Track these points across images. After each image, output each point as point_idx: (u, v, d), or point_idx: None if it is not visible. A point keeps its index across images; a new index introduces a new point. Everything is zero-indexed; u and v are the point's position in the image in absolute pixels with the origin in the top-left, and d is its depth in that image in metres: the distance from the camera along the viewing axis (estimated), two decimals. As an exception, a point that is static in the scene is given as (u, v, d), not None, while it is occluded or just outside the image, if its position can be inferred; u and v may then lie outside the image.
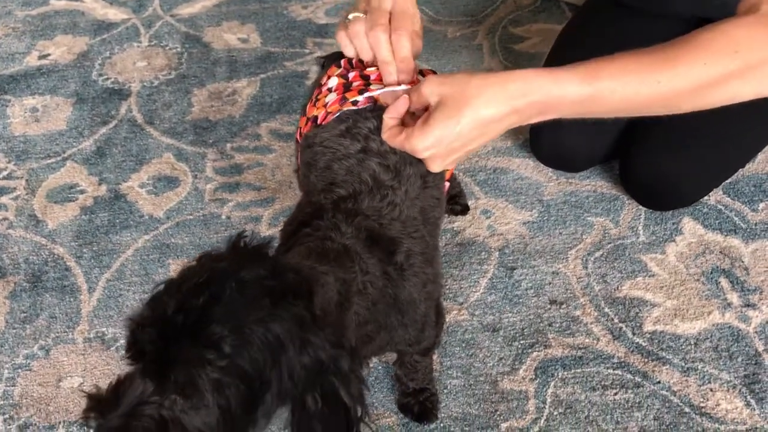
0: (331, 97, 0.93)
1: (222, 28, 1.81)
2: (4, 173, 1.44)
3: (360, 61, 0.96)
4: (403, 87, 0.88)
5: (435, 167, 0.82)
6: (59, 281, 1.23)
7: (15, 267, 1.26)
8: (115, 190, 1.40)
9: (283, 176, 1.41)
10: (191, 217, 1.33)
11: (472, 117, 0.76)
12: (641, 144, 1.25)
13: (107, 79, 1.66)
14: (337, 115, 0.90)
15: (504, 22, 1.79)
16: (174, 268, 1.24)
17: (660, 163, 1.22)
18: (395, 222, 0.82)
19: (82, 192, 1.39)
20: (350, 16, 0.88)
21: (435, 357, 1.09)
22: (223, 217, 1.33)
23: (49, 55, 1.74)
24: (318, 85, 1.03)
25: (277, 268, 0.64)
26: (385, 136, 0.83)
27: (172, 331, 0.58)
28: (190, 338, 0.58)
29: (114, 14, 1.87)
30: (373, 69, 0.95)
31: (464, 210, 1.32)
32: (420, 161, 0.83)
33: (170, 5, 1.89)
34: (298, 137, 1.02)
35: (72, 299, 1.21)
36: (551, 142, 1.34)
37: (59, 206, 1.37)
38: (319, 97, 0.97)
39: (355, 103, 0.90)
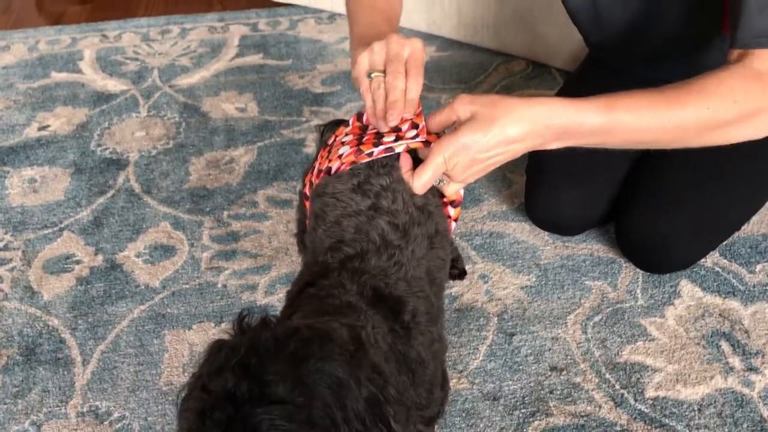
0: (345, 150, 0.94)
1: (220, 97, 1.84)
2: (1, 244, 1.44)
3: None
4: (420, 139, 0.91)
5: (456, 176, 0.87)
6: (53, 354, 1.22)
7: (8, 340, 1.24)
8: (111, 260, 1.39)
9: (280, 243, 1.41)
10: (187, 286, 1.33)
11: (499, 132, 0.83)
12: (636, 208, 1.26)
13: (105, 149, 1.68)
14: (350, 168, 0.91)
15: (497, 89, 1.83)
16: (169, 339, 1.23)
17: (655, 225, 1.23)
18: (401, 282, 0.82)
19: (78, 262, 1.39)
20: (372, 75, 0.92)
21: (435, 428, 1.07)
22: (219, 285, 1.33)
23: (48, 126, 1.76)
24: (324, 145, 1.04)
25: (294, 327, 0.64)
26: (405, 174, 0.89)
27: (241, 401, 0.56)
28: (258, 404, 0.56)
29: (113, 85, 1.90)
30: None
31: (462, 274, 1.32)
32: (428, 217, 0.87)
33: (169, 76, 1.93)
34: (305, 191, 1.02)
35: (65, 372, 1.19)
36: (546, 206, 1.35)
37: (55, 277, 1.36)
38: (332, 150, 0.98)
39: (370, 154, 0.92)
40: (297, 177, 1.55)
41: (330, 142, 1.03)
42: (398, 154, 0.92)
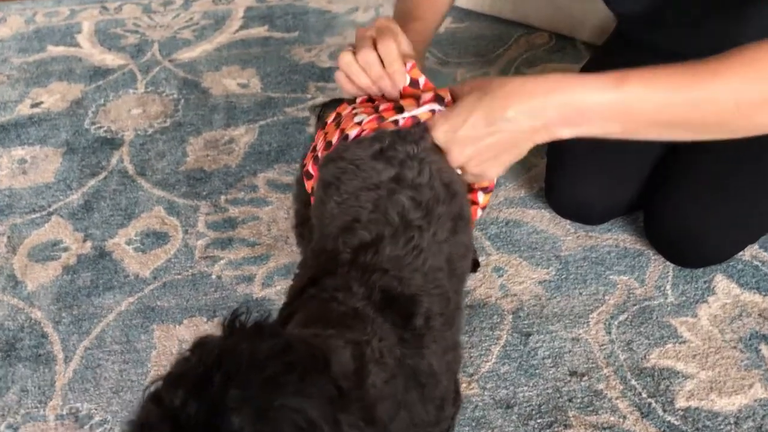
0: (364, 117, 0.84)
1: (221, 73, 1.74)
2: (-14, 230, 1.36)
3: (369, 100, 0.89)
4: (438, 107, 0.82)
5: (453, 157, 0.81)
6: (34, 350, 1.14)
7: (-12, 333, 1.17)
8: (100, 247, 1.31)
9: (279, 231, 1.31)
10: (179, 276, 1.24)
11: (485, 111, 0.76)
12: (668, 195, 1.14)
13: (100, 127, 1.59)
14: (374, 134, 0.81)
15: (517, 63, 1.70)
16: (158, 335, 1.14)
17: (689, 216, 1.11)
18: (416, 274, 0.72)
19: (65, 250, 1.31)
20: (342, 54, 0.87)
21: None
22: (214, 276, 1.23)
23: (41, 103, 1.67)
24: (323, 124, 0.93)
25: (286, 342, 0.54)
26: None
27: (184, 426, 0.47)
28: None
29: (111, 60, 1.81)
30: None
31: (475, 267, 1.21)
32: (454, 197, 0.79)
33: (169, 50, 1.83)
34: (308, 169, 0.92)
35: (46, 370, 1.11)
36: (568, 191, 1.24)
37: (40, 265, 1.28)
38: (341, 122, 0.87)
39: (395, 122, 0.82)
40: (300, 159, 1.45)
41: (330, 120, 0.92)
42: (422, 126, 0.82)
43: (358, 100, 0.91)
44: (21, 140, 1.57)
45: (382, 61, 0.84)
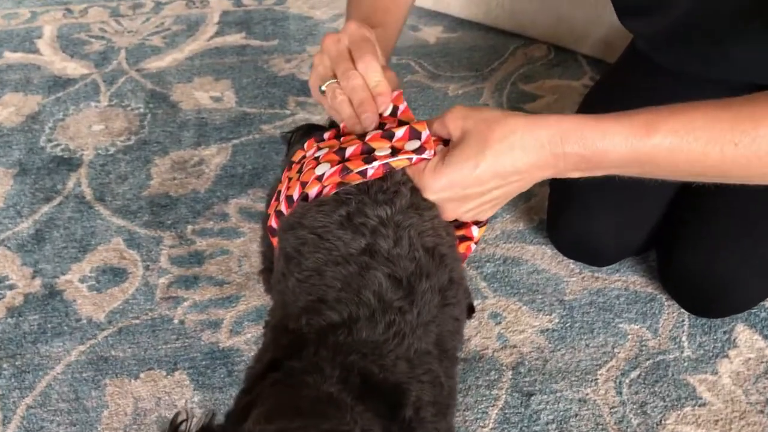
0: (325, 168, 0.71)
1: (193, 84, 1.60)
2: (-77, 263, 1.21)
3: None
4: (427, 155, 0.70)
5: (448, 213, 0.72)
6: (-32, 408, 1.00)
7: None
8: (50, 285, 1.16)
9: (252, 267, 1.18)
10: (137, 321, 1.10)
11: (491, 164, 0.66)
12: (688, 236, 1.01)
13: (57, 145, 1.44)
14: (335, 192, 0.69)
15: (513, 78, 1.58)
16: (111, 391, 1.01)
17: (714, 261, 0.98)
18: (400, 362, 0.60)
19: (11, 287, 1.16)
20: (323, 87, 0.76)
21: None
22: (176, 321, 1.10)
23: (-7, 116, 1.53)
24: (289, 163, 0.81)
25: None
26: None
27: None
28: None
29: (73, 69, 1.66)
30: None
31: (470, 312, 1.08)
32: (441, 262, 0.67)
33: (137, 58, 1.68)
34: (271, 223, 0.79)
35: (-19, 433, 0.97)
36: (573, 228, 1.11)
37: (-19, 306, 1.14)
38: (303, 169, 0.75)
39: (363, 173, 0.69)
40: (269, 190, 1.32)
41: (296, 159, 0.79)
42: (395, 178, 0.69)
43: (326, 135, 0.79)
44: (-31, 159, 1.42)
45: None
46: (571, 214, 1.11)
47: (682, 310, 1.08)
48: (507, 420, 0.96)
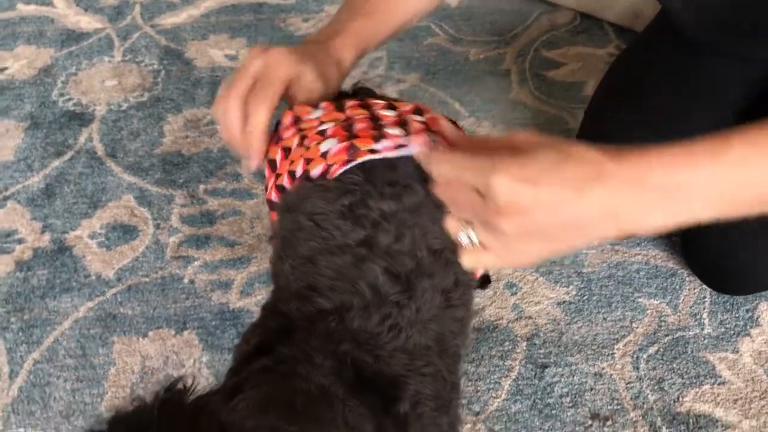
0: (332, 144, 0.67)
1: (208, 42, 1.56)
2: (-68, 214, 1.20)
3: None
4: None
5: (495, 247, 0.53)
6: (-25, 361, 0.99)
7: (-76, 339, 1.02)
8: (60, 240, 1.15)
9: (264, 229, 1.15)
10: (147, 279, 1.08)
11: (572, 171, 0.50)
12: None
13: (69, 100, 1.42)
14: (340, 177, 0.65)
15: (536, 45, 1.53)
16: (118, 348, 1.00)
17: (739, 239, 0.95)
18: (398, 353, 0.57)
19: (20, 241, 1.15)
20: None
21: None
22: (186, 281, 1.08)
23: (6, 68, 1.50)
24: (276, 129, 0.76)
25: None
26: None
27: None
28: None
29: (87, 23, 1.63)
30: (388, 113, 0.71)
31: (485, 283, 1.06)
32: (446, 265, 0.60)
33: (152, 13, 1.65)
34: (270, 196, 0.76)
35: (-13, 386, 0.96)
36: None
37: (-10, 259, 1.12)
38: (307, 141, 0.71)
39: (373, 151, 0.65)
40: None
41: (288, 129, 0.74)
42: (407, 173, 0.65)
43: (323, 104, 0.75)
44: (-20, 111, 1.40)
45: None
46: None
47: (704, 286, 1.05)
48: (520, 391, 0.94)
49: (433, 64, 1.49)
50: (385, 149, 0.65)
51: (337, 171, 0.65)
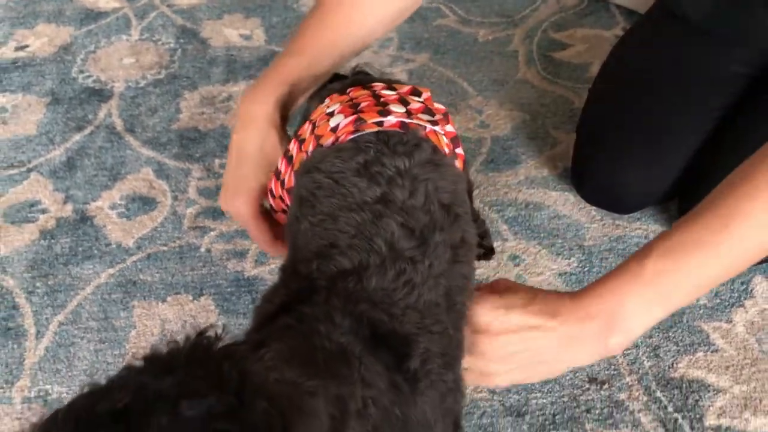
0: (340, 119, 0.71)
1: (223, 21, 1.60)
2: (-41, 184, 1.25)
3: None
4: (440, 130, 0.71)
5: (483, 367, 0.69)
6: (3, 322, 1.04)
7: (-46, 302, 1.07)
8: (81, 210, 1.20)
9: (277, 202, 1.20)
10: (165, 248, 1.13)
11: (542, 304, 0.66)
12: (710, 188, 1.02)
13: (88, 76, 1.46)
14: (354, 137, 0.69)
15: (544, 26, 1.56)
16: (138, 312, 1.04)
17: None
18: (410, 311, 0.61)
19: (44, 211, 1.20)
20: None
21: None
22: (203, 249, 1.13)
23: (27, 46, 1.55)
24: (304, 121, 0.81)
25: (244, 392, 0.44)
26: None
27: None
28: None
29: (105, 2, 1.67)
30: (390, 93, 0.75)
31: (489, 253, 1.10)
32: (455, 221, 0.66)
33: (168, -7, 1.69)
34: (271, 202, 0.81)
35: (15, 346, 1.01)
36: (599, 174, 1.12)
37: (16, 227, 1.17)
38: (317, 126, 0.75)
39: (379, 124, 0.69)
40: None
41: (312, 118, 0.78)
42: (416, 133, 0.69)
43: (327, 98, 0.79)
44: (3, 86, 1.45)
45: None
46: (597, 162, 1.12)
47: (701, 259, 1.09)
48: (521, 356, 0.98)
49: (442, 45, 1.52)
50: (389, 125, 0.69)
51: (349, 138, 0.69)
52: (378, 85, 0.77)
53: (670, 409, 0.92)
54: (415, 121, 0.70)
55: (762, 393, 0.94)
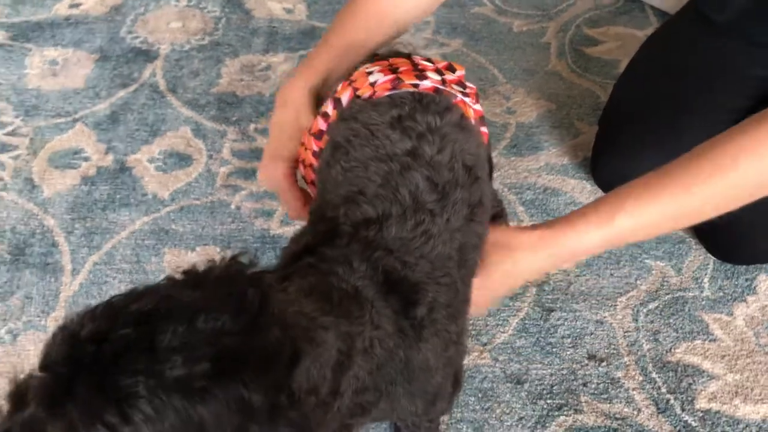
0: (378, 76, 0.76)
1: (267, -6, 1.66)
2: (10, 128, 1.32)
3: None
4: (470, 102, 0.76)
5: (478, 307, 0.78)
6: (43, 257, 1.11)
7: (0, 235, 1.14)
8: (121, 161, 1.27)
9: (306, 168, 1.25)
10: (198, 202, 1.20)
11: (507, 281, 0.78)
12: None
13: (136, 37, 1.53)
14: (390, 94, 0.74)
15: (578, 21, 1.60)
16: (169, 259, 1.11)
17: (745, 210, 1.03)
18: (423, 261, 0.65)
19: (86, 159, 1.27)
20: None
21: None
22: (233, 207, 1.19)
23: (80, 4, 1.62)
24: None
25: (262, 316, 0.49)
26: None
27: (78, 360, 0.44)
28: (94, 386, 0.43)
29: (157, -32, 1.73)
30: (427, 64, 0.80)
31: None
32: (475, 182, 0.72)
33: (217, -36, 1.75)
34: (302, 171, 0.86)
35: (53, 280, 1.08)
36: (616, 165, 1.15)
37: (59, 172, 1.24)
38: (353, 78, 0.80)
39: (415, 86, 0.74)
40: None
41: (352, 78, 0.82)
42: (448, 98, 0.74)
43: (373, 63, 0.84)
44: (55, 41, 1.52)
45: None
46: (614, 153, 1.16)
47: (709, 255, 1.13)
48: (526, 329, 1.03)
49: (477, 32, 1.56)
50: (424, 88, 0.74)
51: (387, 95, 0.74)
52: (417, 57, 0.82)
53: (663, 390, 0.97)
54: (448, 89, 0.75)
55: (754, 383, 0.97)
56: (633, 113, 1.16)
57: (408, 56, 0.83)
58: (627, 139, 1.14)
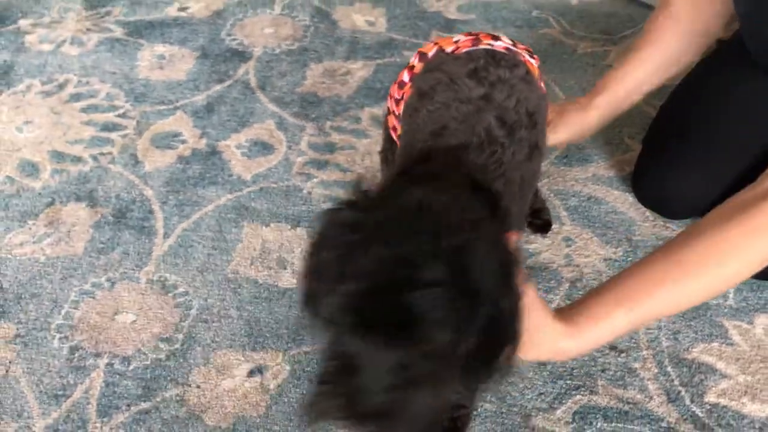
0: (461, 37, 0.92)
1: (353, 8, 1.83)
2: (120, 111, 1.52)
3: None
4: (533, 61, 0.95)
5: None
6: (140, 221, 1.29)
7: (106, 200, 1.33)
8: (213, 145, 1.44)
9: (372, 163, 1.40)
10: (275, 185, 1.36)
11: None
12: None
13: (234, 39, 1.72)
14: (468, 51, 0.89)
15: (640, 47, 1.69)
16: (246, 231, 1.27)
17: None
18: (499, 179, 0.78)
19: (183, 142, 1.45)
20: None
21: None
22: (305, 191, 1.35)
23: (188, 8, 1.83)
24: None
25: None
26: None
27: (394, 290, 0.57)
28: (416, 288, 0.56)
29: (256, -21, 1.93)
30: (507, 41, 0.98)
31: (545, 226, 1.26)
32: (534, 127, 0.84)
33: (310, -22, 1.93)
34: (390, 106, 1.01)
35: (147, 240, 1.26)
36: (656, 182, 1.25)
37: (159, 151, 1.43)
38: (439, 41, 0.97)
39: (490, 45, 0.90)
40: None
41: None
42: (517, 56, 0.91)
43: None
44: (164, 38, 1.73)
45: None
46: (654, 170, 1.25)
47: (737, 268, 1.20)
48: (555, 318, 1.14)
49: (543, 51, 1.68)
50: (498, 47, 0.90)
51: (465, 51, 0.89)
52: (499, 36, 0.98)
53: (676, 382, 1.06)
54: (521, 52, 0.90)
55: (764, 385, 1.05)
56: (674, 135, 1.24)
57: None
58: (668, 159, 1.23)
